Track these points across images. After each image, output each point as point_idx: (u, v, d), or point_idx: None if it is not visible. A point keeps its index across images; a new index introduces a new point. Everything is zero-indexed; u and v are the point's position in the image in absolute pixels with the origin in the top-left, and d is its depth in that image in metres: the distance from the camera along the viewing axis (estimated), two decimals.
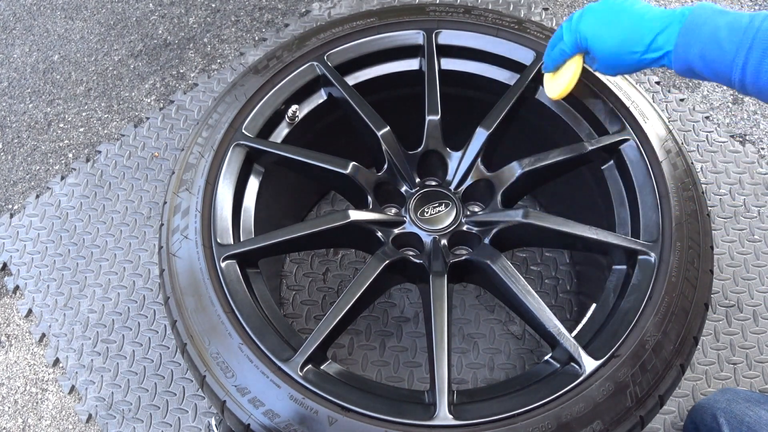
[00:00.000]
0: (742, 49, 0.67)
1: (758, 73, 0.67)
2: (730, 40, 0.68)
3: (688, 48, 0.73)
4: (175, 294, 0.86)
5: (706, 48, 0.71)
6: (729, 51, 0.68)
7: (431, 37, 1.07)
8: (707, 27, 0.71)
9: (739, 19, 0.69)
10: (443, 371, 0.80)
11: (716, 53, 0.70)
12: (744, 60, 0.67)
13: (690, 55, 0.73)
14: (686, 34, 0.73)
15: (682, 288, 0.84)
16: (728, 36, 0.69)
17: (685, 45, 0.73)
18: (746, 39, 0.67)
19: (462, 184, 1.03)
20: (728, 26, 0.69)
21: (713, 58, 0.70)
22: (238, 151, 0.97)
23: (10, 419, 1.29)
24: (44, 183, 1.54)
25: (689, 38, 0.72)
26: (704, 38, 0.71)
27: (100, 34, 1.76)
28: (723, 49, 0.69)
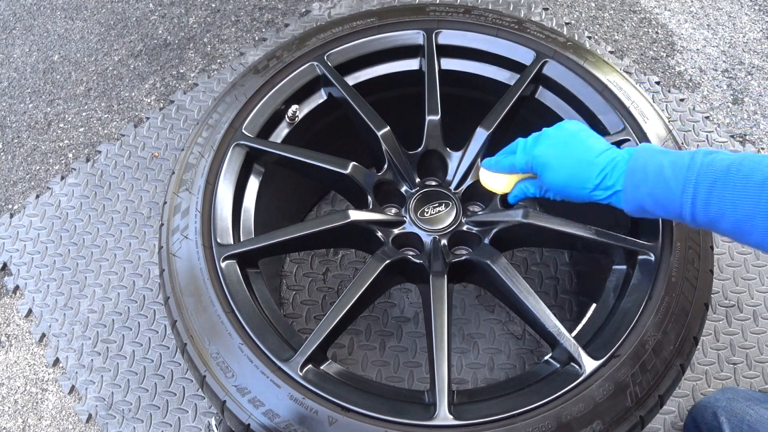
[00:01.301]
0: (689, 186, 0.69)
1: (707, 206, 0.69)
2: (675, 178, 0.70)
3: (637, 189, 0.75)
4: (175, 294, 0.86)
5: (654, 188, 0.73)
6: (676, 189, 0.71)
7: (431, 37, 1.07)
8: (652, 167, 0.73)
9: (681, 157, 0.71)
10: (443, 371, 0.80)
11: (664, 192, 0.72)
12: (692, 196, 0.69)
13: (639, 195, 0.75)
14: (633, 175, 0.75)
15: (682, 288, 0.84)
16: (673, 175, 0.71)
17: (634, 186, 0.75)
18: (691, 176, 0.69)
19: (462, 184, 1.03)
20: (672, 165, 0.71)
21: (662, 197, 0.72)
22: (238, 151, 0.97)
23: (10, 419, 1.29)
24: (44, 183, 1.54)
25: (636, 179, 0.74)
26: (651, 178, 0.73)
27: (100, 34, 1.76)
28: (670, 187, 0.71)
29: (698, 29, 1.73)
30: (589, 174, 0.78)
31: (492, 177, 0.92)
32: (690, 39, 1.70)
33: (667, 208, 0.73)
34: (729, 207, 0.67)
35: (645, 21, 1.74)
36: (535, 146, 0.84)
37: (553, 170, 0.81)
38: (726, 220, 0.68)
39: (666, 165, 0.72)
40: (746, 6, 1.77)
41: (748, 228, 0.66)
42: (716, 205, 0.68)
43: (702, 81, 1.63)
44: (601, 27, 1.72)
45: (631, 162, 0.75)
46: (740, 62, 1.66)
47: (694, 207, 0.70)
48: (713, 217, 0.69)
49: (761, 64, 1.66)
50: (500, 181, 0.92)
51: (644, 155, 0.75)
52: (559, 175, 0.81)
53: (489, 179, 0.93)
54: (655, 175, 0.72)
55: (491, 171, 0.92)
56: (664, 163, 0.72)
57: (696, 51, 1.68)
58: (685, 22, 1.74)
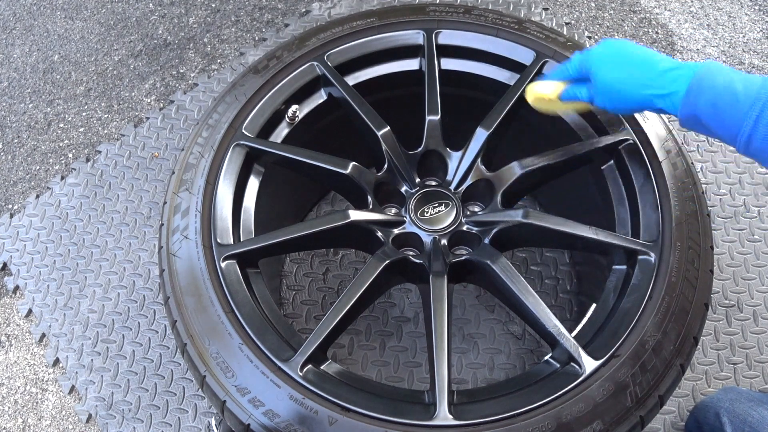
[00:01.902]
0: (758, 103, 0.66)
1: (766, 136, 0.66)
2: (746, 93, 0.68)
3: (700, 94, 0.71)
4: (175, 294, 0.86)
5: (720, 96, 0.70)
6: (744, 103, 0.68)
7: (431, 37, 1.07)
8: (721, 78, 0.70)
9: (752, 78, 0.69)
10: (443, 371, 0.80)
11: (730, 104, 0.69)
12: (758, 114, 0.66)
13: (700, 101, 0.71)
14: (700, 80, 0.72)
15: (682, 288, 0.84)
16: (744, 89, 0.68)
17: (698, 90, 0.72)
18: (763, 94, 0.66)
19: (462, 184, 1.03)
20: (744, 81, 0.69)
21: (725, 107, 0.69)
22: (238, 151, 0.97)
23: (10, 419, 1.29)
24: (44, 183, 1.54)
25: (702, 85, 0.71)
26: (718, 87, 0.70)
27: (100, 34, 1.76)
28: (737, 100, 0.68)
29: (698, 29, 1.73)
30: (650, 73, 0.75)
31: (541, 84, 0.92)
32: (690, 39, 1.70)
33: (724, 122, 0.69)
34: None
35: (645, 21, 1.74)
36: (591, 49, 0.82)
37: (609, 68, 0.78)
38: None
39: (737, 80, 0.69)
40: (746, 6, 1.77)
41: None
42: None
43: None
44: (601, 27, 1.72)
45: (701, 69, 0.72)
46: (740, 62, 1.66)
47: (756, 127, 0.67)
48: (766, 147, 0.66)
49: (761, 64, 1.65)
50: (549, 86, 0.90)
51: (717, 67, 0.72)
52: (616, 73, 0.77)
53: (539, 87, 0.92)
54: (724, 85, 0.69)
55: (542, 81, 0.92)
56: (735, 78, 0.70)
57: (696, 51, 1.68)
58: (685, 22, 1.74)
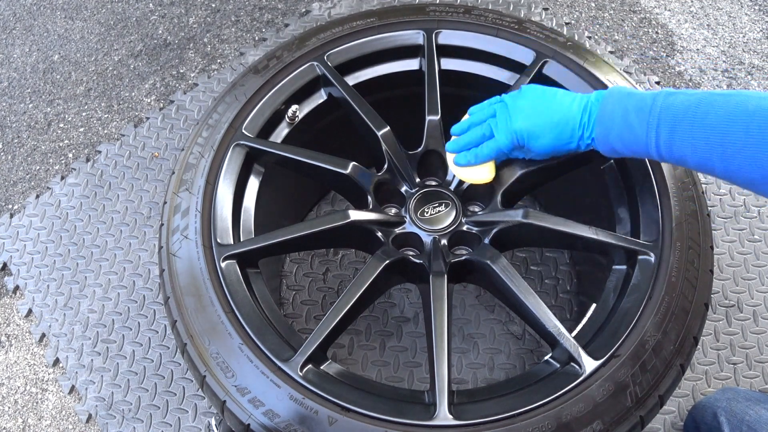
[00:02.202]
0: (651, 130, 0.73)
1: (670, 147, 0.72)
2: (639, 121, 0.74)
3: (608, 134, 0.79)
4: (175, 294, 0.86)
5: (622, 132, 0.77)
6: (640, 133, 0.74)
7: (431, 37, 1.07)
8: (618, 112, 0.77)
9: (644, 100, 0.75)
10: (443, 371, 0.80)
11: (631, 136, 0.76)
12: (655, 139, 0.73)
13: (610, 139, 0.79)
14: (602, 122, 0.79)
15: (682, 288, 0.84)
16: (637, 119, 0.74)
17: (605, 132, 0.79)
18: (653, 120, 0.73)
19: (462, 184, 1.03)
20: (635, 109, 0.75)
21: (629, 140, 0.76)
22: (238, 151, 0.97)
23: (10, 419, 1.29)
24: (44, 183, 1.54)
25: (606, 125, 0.79)
26: (618, 124, 0.77)
27: (100, 34, 1.76)
28: (635, 131, 0.75)
29: (698, 29, 1.73)
30: (570, 130, 0.82)
31: (471, 171, 0.93)
32: (690, 39, 1.70)
33: (636, 150, 0.77)
34: (689, 149, 0.70)
35: (645, 21, 1.74)
36: (511, 121, 0.86)
37: (538, 137, 0.84)
38: (689, 160, 0.71)
39: (630, 109, 0.75)
40: (746, 6, 1.77)
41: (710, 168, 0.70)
42: (678, 147, 0.72)
43: (702, 81, 1.63)
44: (601, 27, 1.72)
45: (599, 110, 0.79)
46: (740, 62, 1.66)
47: (659, 148, 0.73)
48: (678, 156, 0.73)
49: (761, 64, 1.65)
50: (482, 171, 0.93)
51: (612, 101, 0.78)
52: (545, 140, 0.84)
53: (469, 174, 0.94)
54: (622, 120, 0.76)
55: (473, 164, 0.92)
56: (629, 107, 0.76)
57: (696, 51, 1.68)
58: (685, 22, 1.74)
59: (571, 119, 0.82)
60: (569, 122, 0.82)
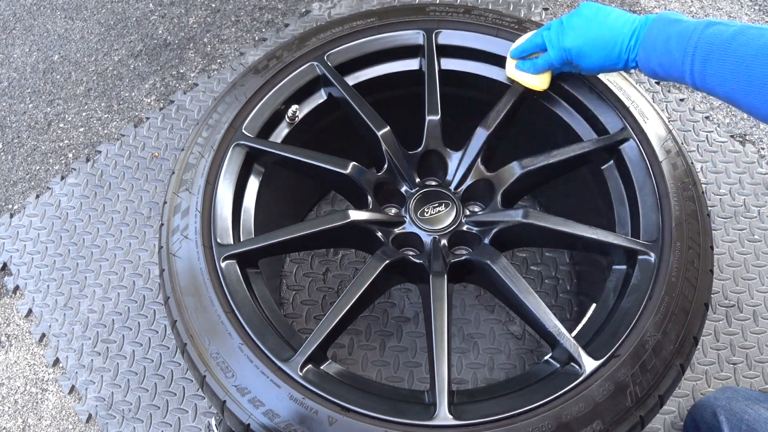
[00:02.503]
0: (688, 57, 0.76)
1: (703, 76, 0.76)
2: (678, 48, 0.77)
3: (649, 58, 0.82)
4: (175, 294, 0.86)
5: (662, 57, 0.80)
6: (678, 59, 0.78)
7: (431, 37, 1.07)
8: (661, 37, 0.80)
9: (686, 28, 0.78)
10: (443, 371, 0.80)
11: (669, 61, 0.79)
12: (690, 66, 0.76)
13: (651, 63, 0.82)
14: (645, 45, 0.82)
15: (682, 288, 0.84)
16: (677, 45, 0.78)
17: (647, 55, 0.82)
18: (690, 47, 0.76)
19: (462, 184, 1.03)
20: (677, 35, 0.78)
21: (668, 65, 0.80)
22: (238, 151, 0.97)
23: (10, 419, 1.29)
24: (44, 183, 1.54)
25: (648, 49, 0.82)
26: (659, 48, 0.80)
27: (100, 34, 1.76)
28: (673, 57, 0.78)
29: None
30: (618, 52, 0.85)
31: (529, 77, 0.99)
32: None
33: (673, 75, 0.80)
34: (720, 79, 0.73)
35: None
36: (563, 38, 0.89)
37: (586, 57, 0.88)
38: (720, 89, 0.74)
39: (673, 35, 0.78)
40: (746, 6, 1.77)
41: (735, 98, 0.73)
42: (711, 76, 0.74)
43: None
44: None
45: (645, 33, 0.82)
46: None
47: (693, 76, 0.77)
48: (710, 86, 0.76)
49: None
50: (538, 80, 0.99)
51: (658, 26, 0.81)
52: (593, 59, 0.88)
53: (527, 78, 1.00)
54: (663, 45, 0.79)
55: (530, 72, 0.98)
56: (672, 33, 0.78)
57: None
58: None
59: (619, 42, 0.85)
60: (617, 44, 0.85)
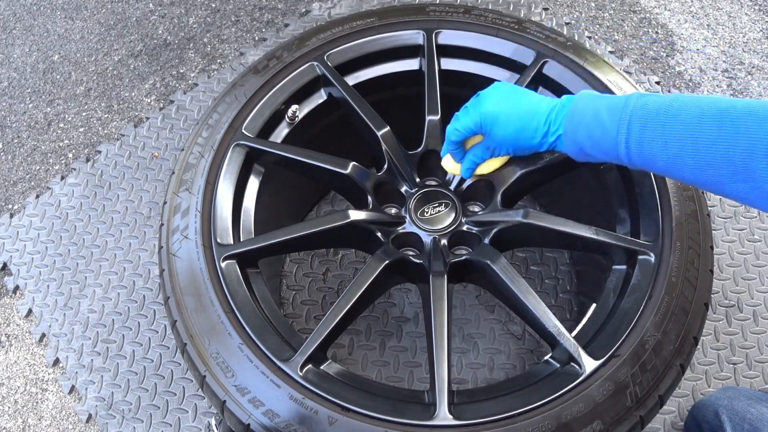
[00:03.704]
0: (623, 126, 0.73)
1: (640, 146, 0.72)
2: (610, 119, 0.74)
3: (576, 131, 0.79)
4: (175, 294, 0.86)
5: (592, 129, 0.77)
6: (611, 129, 0.74)
7: (431, 37, 1.07)
8: (590, 110, 0.77)
9: (617, 100, 0.75)
10: (443, 371, 0.80)
11: (601, 133, 0.76)
12: (626, 136, 0.73)
13: (578, 137, 0.79)
14: (572, 118, 0.79)
15: (682, 288, 0.84)
16: (608, 116, 0.75)
17: (573, 129, 0.79)
18: (625, 116, 0.73)
19: (462, 184, 1.03)
20: (608, 108, 0.76)
21: (599, 137, 0.76)
22: (238, 151, 0.97)
23: (10, 419, 1.29)
24: (44, 183, 1.54)
25: (575, 122, 0.79)
26: (588, 120, 0.77)
27: (100, 34, 1.76)
28: (606, 128, 0.75)
29: (698, 29, 1.73)
30: (536, 123, 0.83)
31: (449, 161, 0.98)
32: (690, 39, 1.70)
33: (604, 149, 0.76)
34: (660, 146, 0.70)
35: (645, 21, 1.74)
36: (481, 105, 0.87)
37: (502, 125, 0.85)
38: (659, 158, 0.71)
39: (602, 108, 0.76)
40: (746, 6, 1.77)
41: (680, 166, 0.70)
42: (649, 145, 0.71)
43: (702, 81, 1.63)
44: (601, 27, 1.72)
45: (571, 107, 0.80)
46: (740, 62, 1.66)
47: (629, 147, 0.73)
48: (647, 157, 0.72)
49: (761, 64, 1.65)
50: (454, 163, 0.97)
51: (584, 100, 0.79)
52: (509, 129, 0.85)
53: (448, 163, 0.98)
54: (593, 117, 0.76)
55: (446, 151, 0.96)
56: (600, 106, 0.76)
57: (696, 51, 1.68)
58: (685, 22, 1.74)
59: (537, 114, 0.83)
60: (535, 117, 0.83)
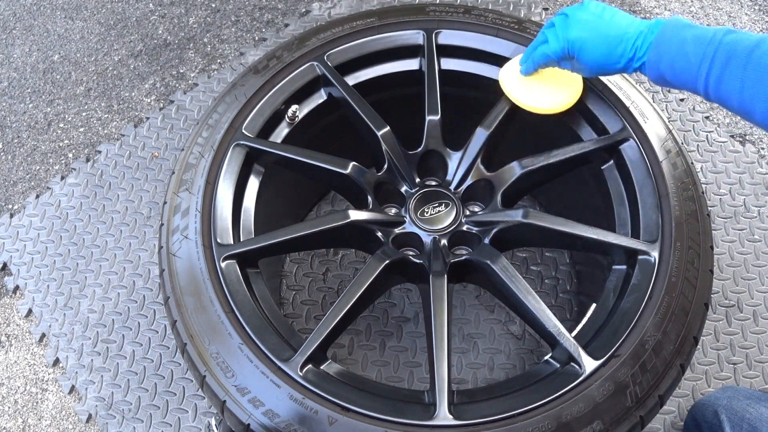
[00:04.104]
0: (706, 60, 0.73)
1: (719, 82, 0.72)
2: (695, 52, 0.74)
3: (660, 59, 0.79)
4: (175, 294, 0.86)
5: (675, 59, 0.77)
6: (694, 62, 0.75)
7: (431, 37, 1.07)
8: (676, 39, 0.77)
9: (704, 33, 0.75)
10: (443, 371, 0.80)
11: (683, 64, 0.76)
12: (707, 70, 0.73)
13: (661, 65, 0.79)
14: (658, 46, 0.79)
15: (682, 288, 0.84)
16: (694, 48, 0.75)
17: (657, 56, 0.79)
18: (709, 51, 0.73)
19: (462, 184, 1.03)
20: (694, 39, 0.75)
21: (681, 68, 0.76)
22: (238, 151, 0.97)
23: (10, 419, 1.29)
24: (44, 183, 1.54)
25: (660, 50, 0.79)
26: (673, 50, 0.77)
27: (100, 34, 1.76)
28: (689, 60, 0.75)
29: None
30: (622, 50, 0.82)
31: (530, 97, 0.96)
32: None
33: (684, 79, 0.76)
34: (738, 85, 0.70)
35: None
36: (567, 30, 0.86)
37: (589, 51, 0.85)
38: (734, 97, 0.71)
39: (689, 38, 0.75)
40: (746, 6, 1.77)
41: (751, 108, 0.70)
42: (727, 83, 0.71)
43: None
44: None
45: (658, 34, 0.79)
46: None
47: (708, 81, 0.73)
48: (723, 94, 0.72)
49: None
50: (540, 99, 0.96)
51: (671, 28, 0.78)
52: (596, 54, 0.84)
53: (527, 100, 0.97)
54: (678, 47, 0.76)
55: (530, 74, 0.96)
56: (687, 36, 0.75)
57: None
58: None
59: (625, 39, 0.82)
60: (622, 41, 0.82)
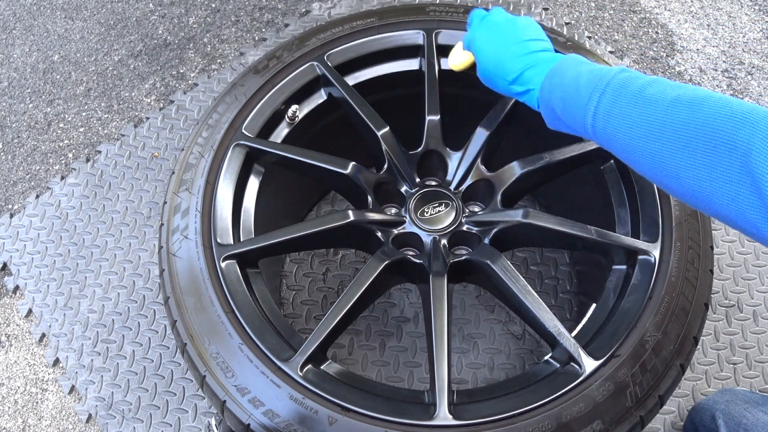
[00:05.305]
0: (596, 94, 0.70)
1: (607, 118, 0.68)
2: (587, 85, 0.71)
3: (552, 91, 0.76)
4: (175, 294, 0.86)
5: (567, 92, 0.73)
6: (584, 95, 0.71)
7: (431, 37, 1.07)
8: (571, 73, 0.74)
9: (599, 69, 0.72)
10: (443, 371, 0.80)
11: (574, 96, 0.73)
12: (596, 104, 0.70)
13: (553, 97, 0.76)
14: (552, 77, 0.76)
15: (682, 288, 0.84)
16: (586, 82, 0.71)
17: (550, 88, 0.76)
18: (601, 85, 0.70)
19: (462, 184, 1.03)
20: (588, 74, 0.72)
21: (571, 101, 0.73)
22: (238, 151, 0.97)
23: (10, 419, 1.29)
24: (44, 183, 1.54)
25: (554, 81, 0.76)
26: (567, 83, 0.74)
27: (100, 34, 1.76)
28: (580, 93, 0.72)
29: (698, 29, 1.72)
30: (512, 66, 0.80)
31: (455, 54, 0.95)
32: (690, 39, 1.70)
33: (574, 114, 0.73)
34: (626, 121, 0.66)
35: (645, 21, 1.74)
36: (478, 28, 0.86)
37: (484, 55, 0.84)
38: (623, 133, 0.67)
39: (584, 73, 0.73)
40: (746, 6, 1.77)
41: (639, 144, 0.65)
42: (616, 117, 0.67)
43: (702, 81, 1.63)
44: (601, 27, 1.72)
45: (555, 66, 0.77)
46: (740, 62, 1.66)
47: (596, 116, 0.70)
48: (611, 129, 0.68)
49: (761, 64, 1.65)
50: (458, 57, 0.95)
51: (569, 62, 0.76)
52: (488, 62, 0.83)
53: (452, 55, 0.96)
54: (572, 80, 0.73)
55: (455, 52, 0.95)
56: (582, 71, 0.73)
57: (696, 51, 1.68)
58: (685, 22, 1.74)
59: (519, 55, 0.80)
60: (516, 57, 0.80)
